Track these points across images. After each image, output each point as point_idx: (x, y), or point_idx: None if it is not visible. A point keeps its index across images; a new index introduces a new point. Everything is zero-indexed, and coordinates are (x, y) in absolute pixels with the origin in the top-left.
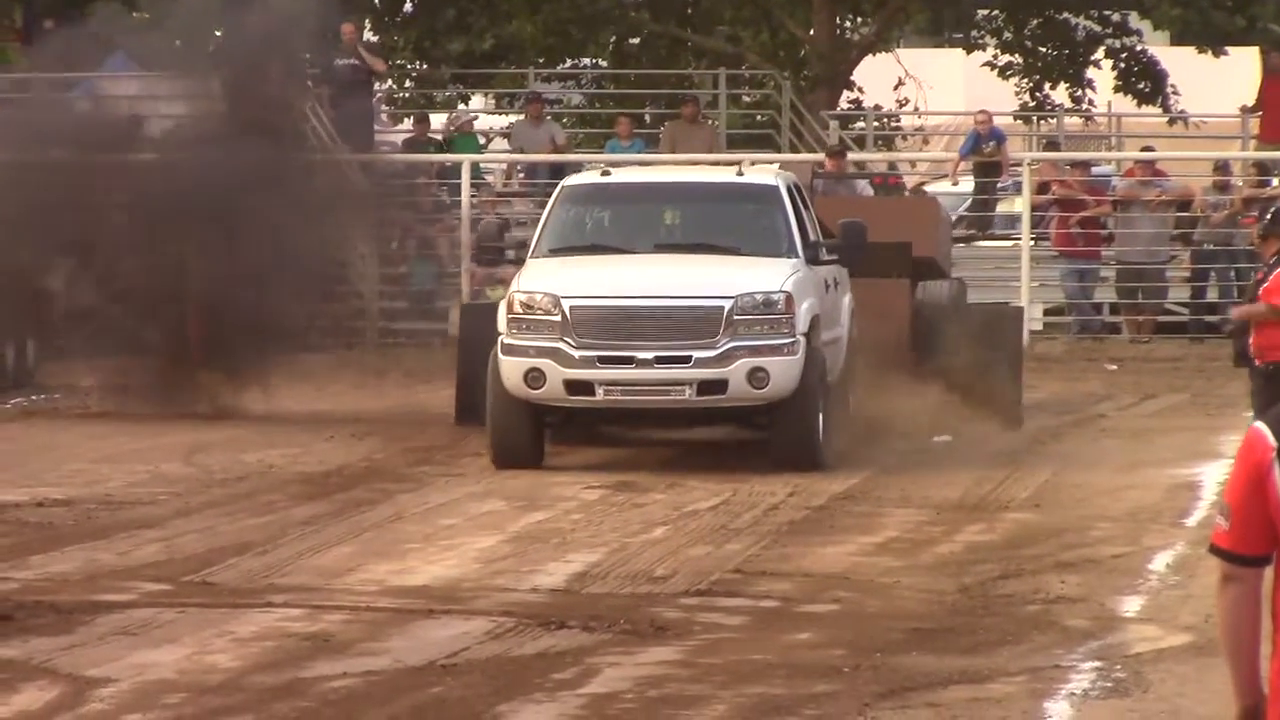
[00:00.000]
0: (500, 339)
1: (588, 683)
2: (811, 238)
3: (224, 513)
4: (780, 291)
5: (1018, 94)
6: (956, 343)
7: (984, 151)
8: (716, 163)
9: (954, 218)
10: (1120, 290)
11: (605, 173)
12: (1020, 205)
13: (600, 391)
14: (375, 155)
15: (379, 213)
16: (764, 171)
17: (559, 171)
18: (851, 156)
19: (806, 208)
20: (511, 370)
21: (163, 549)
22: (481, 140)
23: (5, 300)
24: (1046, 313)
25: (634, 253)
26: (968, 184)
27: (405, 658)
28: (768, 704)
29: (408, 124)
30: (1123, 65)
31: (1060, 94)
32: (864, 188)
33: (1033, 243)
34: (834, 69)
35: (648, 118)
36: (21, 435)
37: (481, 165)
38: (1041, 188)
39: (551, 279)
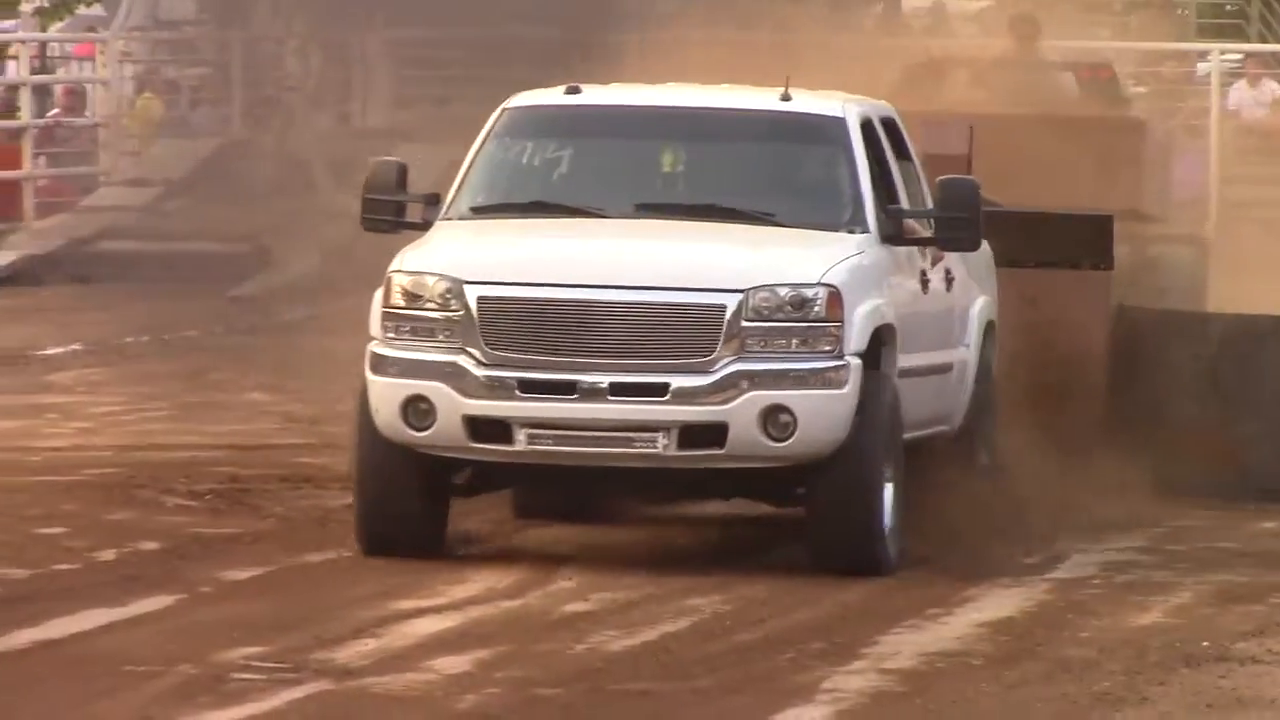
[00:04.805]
0: (369, 348)
1: (1054, 568)
2: (901, 201)
3: None
4: (819, 284)
5: None
6: (1181, 379)
7: None
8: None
9: None
10: None
11: (572, 89)
12: None
13: (521, 437)
14: None
15: None
16: (826, 97)
17: None
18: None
19: (904, 156)
20: (385, 398)
21: None
22: None
23: None
24: None
25: (603, 216)
26: None
27: None
28: (1232, 592)
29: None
30: None
31: None
32: (1067, 82)
33: None
34: None
35: None
36: None
37: None
38: None
39: (455, 253)
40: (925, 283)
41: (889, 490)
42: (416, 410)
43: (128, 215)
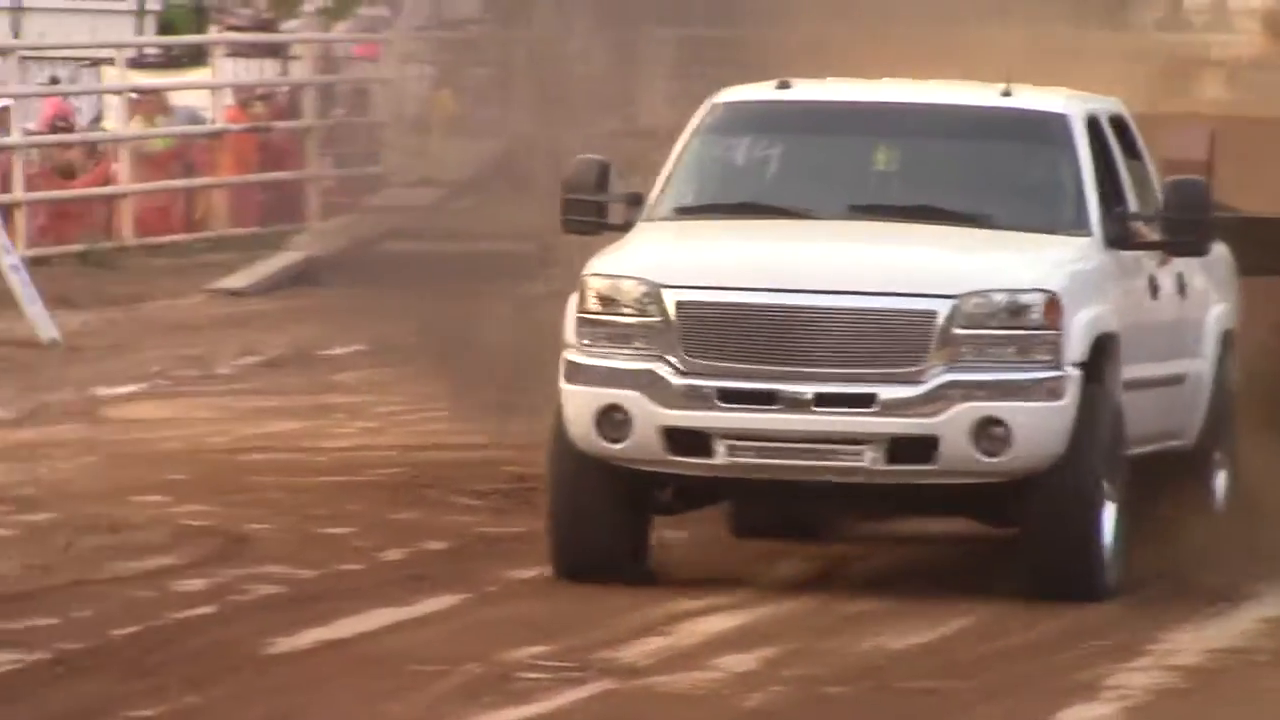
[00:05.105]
0: (564, 355)
1: None
2: (1128, 204)
3: None
4: (1036, 290)
5: None
6: None
7: None
8: None
9: None
10: None
11: (783, 84)
12: None
13: (721, 450)
14: None
15: None
16: (1049, 93)
17: None
18: None
19: (1136, 155)
20: (579, 408)
21: None
22: None
23: None
24: None
25: (814, 218)
26: None
27: None
28: None
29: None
30: None
31: None
32: None
33: None
34: None
35: None
36: None
37: None
38: None
39: (654, 255)
40: (1154, 289)
41: (1110, 508)
42: (611, 421)
43: (412, 215)
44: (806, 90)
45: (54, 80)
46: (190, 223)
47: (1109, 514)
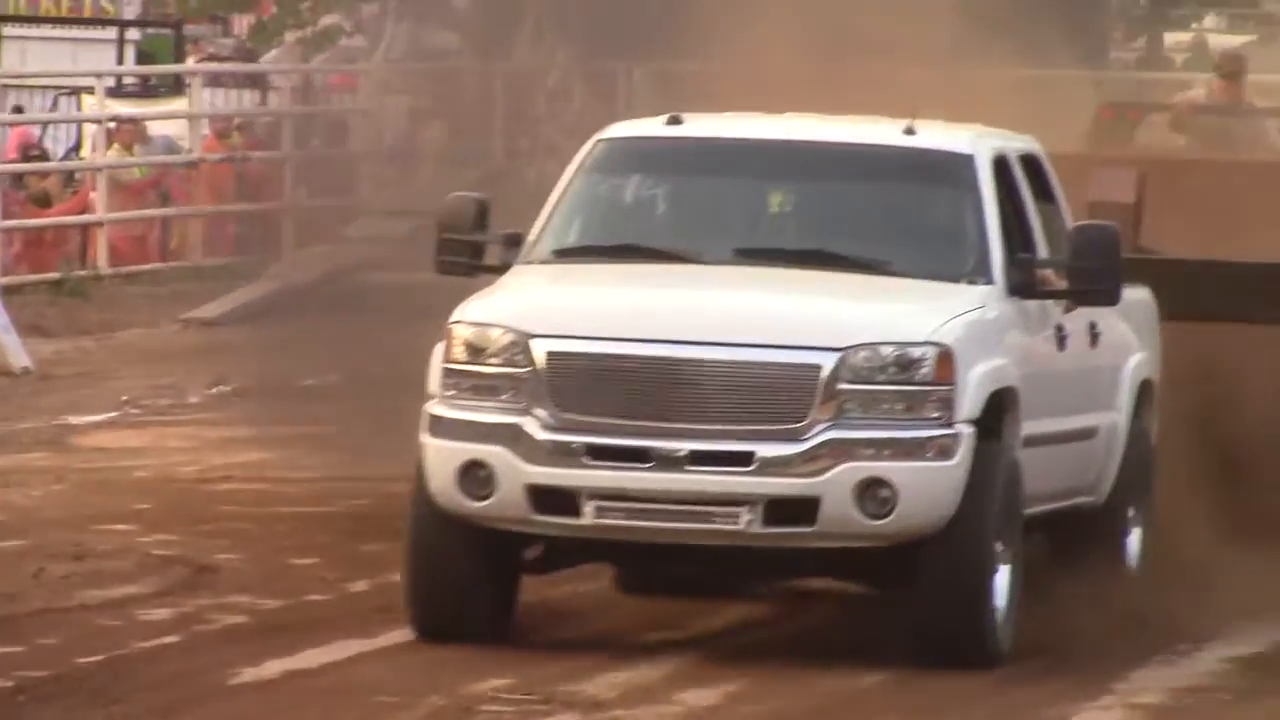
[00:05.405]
0: (427, 408)
1: None
2: (1038, 249)
3: None
4: (927, 343)
5: None
6: None
7: None
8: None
9: None
10: None
11: (673, 120)
12: None
13: (589, 509)
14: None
15: None
16: (956, 130)
17: None
18: None
19: (1048, 197)
20: (440, 464)
21: None
22: None
23: None
24: None
25: (698, 262)
26: None
27: None
28: None
29: (1140, 42)
30: None
31: None
32: (1272, 132)
33: None
34: None
35: None
36: None
37: None
38: None
39: (525, 302)
40: (1061, 339)
41: (1004, 571)
42: (474, 478)
43: (387, 246)
44: (698, 126)
45: (17, 109)
46: (166, 252)
47: (1003, 576)
